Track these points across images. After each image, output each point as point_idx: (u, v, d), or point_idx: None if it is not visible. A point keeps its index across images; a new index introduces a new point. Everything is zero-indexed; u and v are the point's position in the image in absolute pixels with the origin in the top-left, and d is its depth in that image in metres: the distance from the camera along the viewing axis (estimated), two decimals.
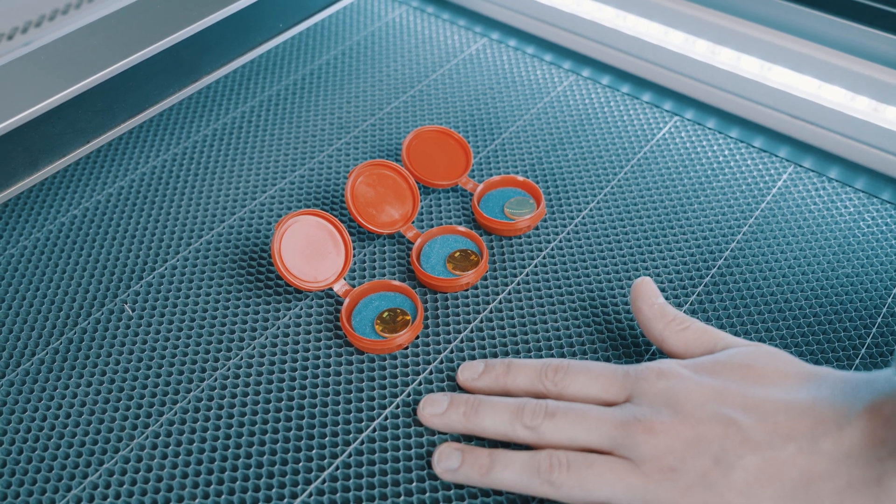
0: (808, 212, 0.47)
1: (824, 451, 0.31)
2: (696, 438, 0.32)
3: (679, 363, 0.35)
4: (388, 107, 0.55)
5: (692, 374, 0.34)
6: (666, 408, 0.33)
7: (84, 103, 0.42)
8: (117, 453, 0.37)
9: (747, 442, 0.31)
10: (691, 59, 0.55)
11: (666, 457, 0.32)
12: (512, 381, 0.37)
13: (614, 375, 0.36)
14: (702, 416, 0.33)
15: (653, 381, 0.34)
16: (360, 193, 0.45)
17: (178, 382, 0.40)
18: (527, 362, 0.37)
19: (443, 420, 0.37)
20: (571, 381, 0.36)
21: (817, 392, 0.32)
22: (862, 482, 0.30)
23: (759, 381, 0.34)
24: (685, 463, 0.32)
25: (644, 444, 0.32)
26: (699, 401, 0.33)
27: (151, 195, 0.49)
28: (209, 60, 0.48)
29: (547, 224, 0.47)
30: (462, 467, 0.35)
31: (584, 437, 0.34)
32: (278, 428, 0.38)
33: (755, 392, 0.33)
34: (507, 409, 0.35)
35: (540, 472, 0.33)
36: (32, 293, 0.44)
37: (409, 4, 0.64)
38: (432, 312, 0.42)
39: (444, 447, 0.36)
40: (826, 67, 0.50)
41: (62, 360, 0.41)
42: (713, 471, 0.31)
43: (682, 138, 0.52)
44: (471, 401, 0.36)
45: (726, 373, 0.34)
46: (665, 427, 0.33)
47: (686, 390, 0.34)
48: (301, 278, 0.42)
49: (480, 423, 0.36)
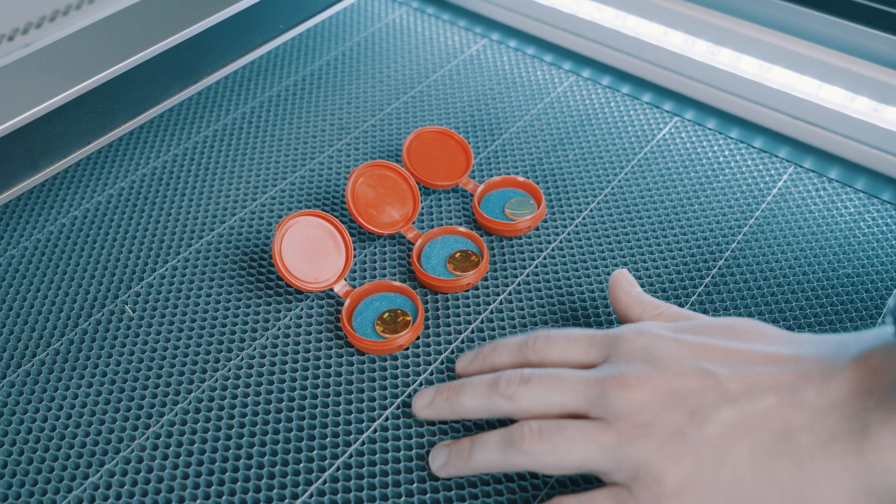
0: (809, 212, 0.47)
1: (807, 403, 0.30)
2: (671, 392, 0.31)
3: (661, 324, 0.35)
4: (388, 108, 0.55)
5: (672, 334, 0.34)
6: (643, 363, 0.32)
7: (85, 104, 0.42)
8: (118, 454, 0.37)
9: (724, 395, 0.30)
10: (691, 60, 0.55)
11: (640, 412, 0.31)
12: (498, 359, 0.37)
13: (593, 337, 0.35)
14: (678, 369, 0.32)
15: (631, 339, 0.34)
16: (361, 194, 0.45)
17: (178, 383, 0.40)
18: (511, 339, 0.37)
19: (431, 410, 0.37)
20: (552, 348, 0.35)
21: (802, 348, 0.32)
22: (845, 433, 0.29)
23: (741, 337, 0.33)
24: (659, 417, 0.31)
25: (617, 400, 0.31)
26: (677, 356, 0.32)
27: (152, 196, 0.49)
28: (210, 61, 0.48)
29: (547, 224, 0.47)
30: (449, 459, 0.35)
31: (560, 400, 0.33)
32: (279, 429, 0.38)
33: (737, 346, 0.32)
34: (484, 384, 0.35)
35: (513, 444, 0.33)
36: (33, 294, 0.44)
37: (410, 5, 0.64)
38: (433, 313, 0.42)
39: (437, 446, 0.36)
40: (826, 68, 0.50)
41: (63, 360, 0.41)
42: (687, 424, 0.30)
43: (682, 139, 0.52)
44: (453, 385, 0.36)
45: (708, 332, 0.34)
46: (640, 381, 0.32)
47: (665, 346, 0.33)
48: (302, 279, 0.42)
49: (462, 403, 0.35)
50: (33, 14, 0.62)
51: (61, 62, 0.43)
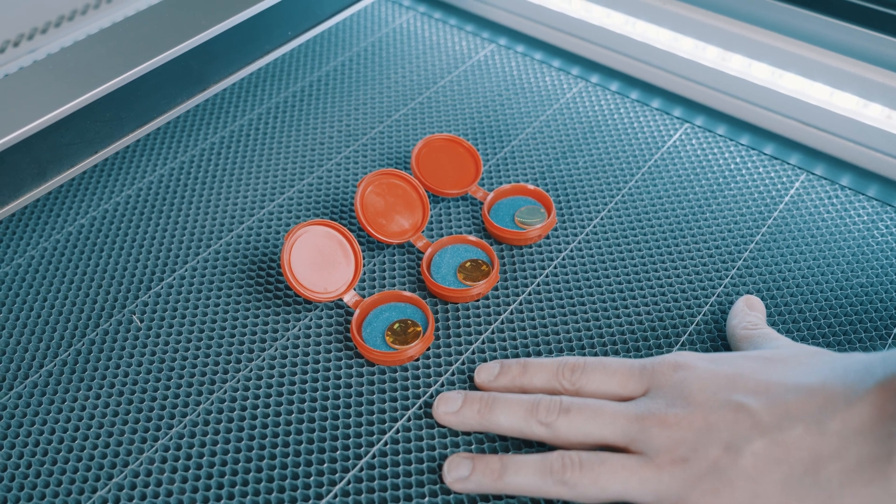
0: (822, 220, 0.47)
1: (832, 431, 0.30)
2: (707, 427, 0.32)
3: (697, 355, 0.36)
4: (395, 114, 0.55)
5: (707, 365, 0.34)
6: (680, 399, 0.33)
7: (92, 113, 0.42)
8: (126, 467, 0.37)
9: (756, 426, 0.31)
10: (701, 66, 0.54)
11: (678, 448, 0.32)
12: (529, 382, 0.37)
13: (630, 370, 0.36)
14: (713, 404, 0.33)
15: (668, 373, 0.35)
16: (370, 203, 0.45)
17: (187, 394, 0.39)
18: (543, 362, 0.37)
19: (458, 418, 0.37)
20: (588, 379, 0.36)
21: (829, 371, 0.32)
22: (871, 459, 0.29)
23: (773, 367, 0.34)
24: (696, 452, 0.32)
25: (657, 437, 0.32)
26: (711, 389, 0.33)
27: (159, 204, 0.49)
28: (217, 69, 0.48)
29: (558, 233, 0.47)
30: (473, 475, 0.35)
31: (599, 433, 0.34)
32: (288, 441, 0.37)
33: (768, 377, 0.33)
34: (522, 406, 0.35)
35: (553, 472, 0.33)
36: (40, 304, 0.44)
37: (416, 10, 0.64)
38: (443, 323, 0.42)
39: (454, 457, 0.36)
40: (838, 74, 0.50)
41: (70, 371, 0.40)
42: (723, 458, 0.31)
43: (692, 145, 0.52)
44: (485, 398, 0.36)
45: (742, 362, 0.34)
46: (678, 419, 0.33)
47: (699, 379, 0.34)
48: (311, 289, 0.41)
49: (495, 420, 0.36)
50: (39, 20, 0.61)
51: (68, 71, 0.42)
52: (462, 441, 0.37)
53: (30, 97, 0.41)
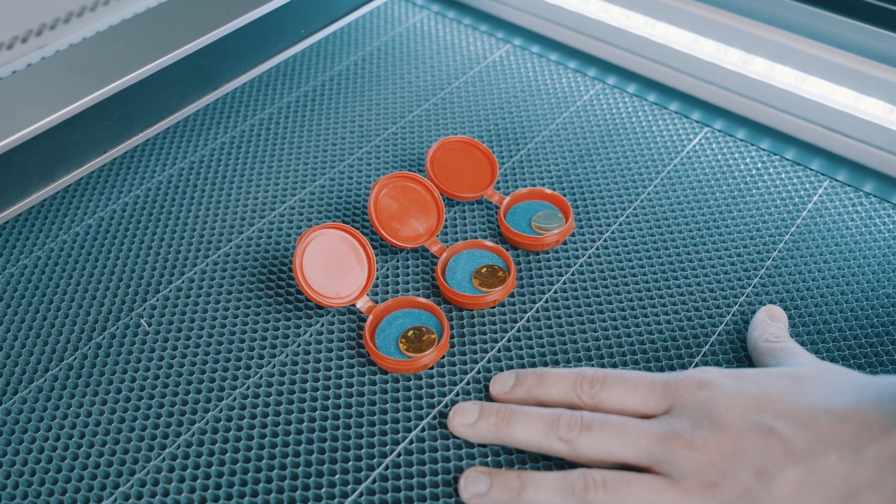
0: (846, 228, 0.46)
1: (869, 459, 0.29)
2: (737, 451, 0.31)
3: (722, 371, 0.34)
4: (409, 115, 0.54)
5: (733, 383, 0.33)
6: (706, 420, 0.32)
7: (102, 112, 0.41)
8: (133, 475, 0.36)
9: (788, 452, 0.30)
10: (722, 68, 0.53)
11: (706, 472, 0.31)
12: (545, 393, 0.36)
13: (653, 386, 0.34)
14: (742, 427, 0.32)
15: (693, 391, 0.33)
16: (384, 206, 0.44)
17: (195, 401, 0.38)
18: (560, 372, 0.36)
19: (473, 430, 0.35)
20: (608, 394, 0.35)
21: (862, 396, 0.31)
22: None
23: (801, 387, 0.33)
24: (726, 477, 0.31)
25: (684, 460, 0.31)
26: (739, 411, 0.32)
27: (168, 205, 0.48)
28: (228, 68, 0.47)
29: (575, 239, 0.45)
30: (491, 491, 0.34)
31: (622, 452, 0.33)
32: (299, 451, 0.36)
33: (797, 399, 0.32)
34: (541, 421, 0.34)
35: (575, 492, 0.32)
36: (46, 306, 0.43)
37: (430, 9, 0.62)
38: (458, 331, 0.41)
39: (470, 471, 0.35)
40: (863, 78, 0.48)
41: (76, 376, 0.39)
42: (755, 484, 0.30)
43: (712, 150, 0.51)
44: (503, 410, 0.35)
45: (768, 380, 0.33)
46: (705, 441, 0.31)
47: (726, 401, 0.33)
48: (323, 294, 0.40)
49: (513, 434, 0.34)
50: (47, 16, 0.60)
51: (77, 68, 0.42)
52: (478, 453, 0.36)
53: (38, 95, 0.40)
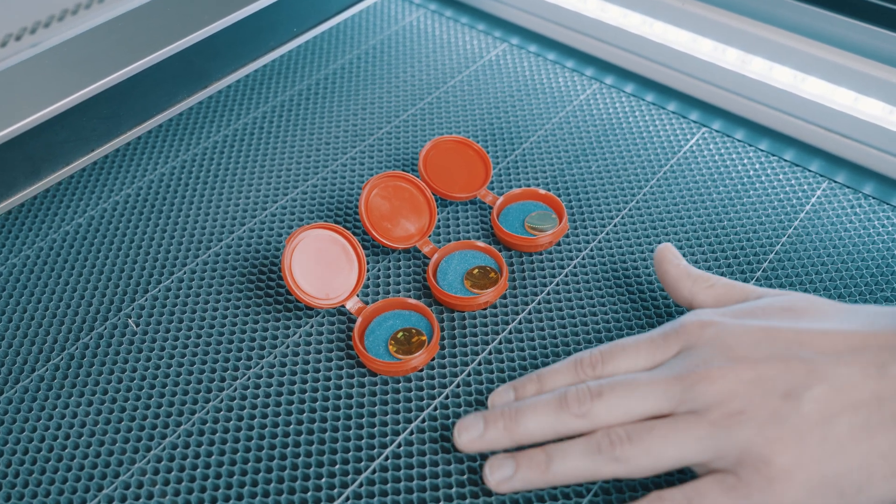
0: (844, 230, 0.45)
1: (893, 374, 0.30)
2: (759, 378, 0.31)
3: (716, 311, 0.34)
4: (404, 114, 0.53)
5: (734, 320, 0.33)
6: (719, 354, 0.32)
7: (89, 110, 0.41)
8: (118, 478, 0.35)
9: (811, 374, 0.31)
10: (720, 68, 0.53)
11: (731, 401, 0.31)
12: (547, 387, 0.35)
13: (653, 342, 0.34)
14: (758, 356, 0.31)
15: (697, 332, 0.33)
16: (375, 206, 0.43)
17: (182, 403, 0.38)
18: (556, 367, 0.35)
19: (484, 441, 0.34)
20: (614, 367, 0.34)
21: (874, 321, 0.32)
22: None
23: (803, 317, 0.33)
24: (752, 403, 0.30)
25: (705, 394, 0.31)
26: (751, 343, 0.32)
27: (159, 204, 0.48)
28: (220, 66, 0.47)
29: (570, 240, 0.45)
30: (519, 471, 0.33)
31: (641, 406, 0.32)
32: (286, 454, 0.36)
33: (805, 327, 0.32)
34: (550, 405, 0.33)
35: (602, 451, 0.31)
36: (34, 305, 0.42)
37: (427, 8, 0.62)
38: (449, 332, 0.41)
39: (493, 459, 0.33)
40: (863, 79, 0.48)
41: (62, 377, 0.39)
42: (783, 406, 0.30)
43: (709, 150, 0.50)
44: (507, 412, 0.34)
45: (768, 315, 0.33)
46: (723, 372, 0.31)
47: (734, 334, 0.32)
48: (312, 295, 0.40)
49: (525, 430, 0.33)
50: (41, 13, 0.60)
51: (64, 66, 0.41)
52: (466, 457, 0.36)
53: (24, 92, 0.39)
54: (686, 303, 0.37)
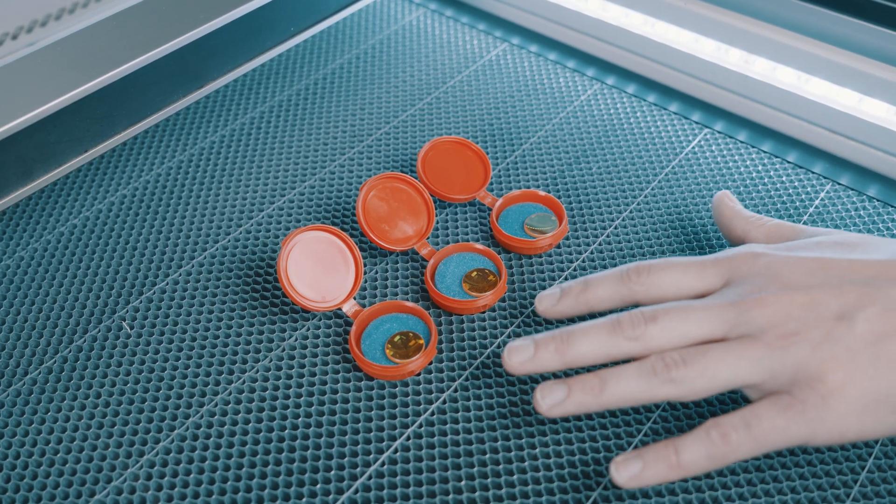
0: None
1: None
2: (812, 302, 0.32)
3: (769, 246, 0.35)
4: (402, 115, 0.53)
5: (786, 252, 0.34)
6: (771, 283, 0.33)
7: (82, 110, 0.40)
8: (110, 483, 0.35)
9: (864, 296, 0.31)
10: (723, 69, 0.52)
11: (785, 323, 0.31)
12: (594, 295, 0.35)
13: (703, 265, 0.34)
14: (811, 283, 0.32)
15: (749, 261, 0.34)
16: (373, 208, 0.43)
17: (176, 407, 0.37)
18: (604, 273, 0.36)
19: (535, 363, 0.34)
20: (660, 278, 0.34)
21: None
22: None
23: (855, 251, 0.34)
24: (806, 325, 0.31)
25: (759, 318, 0.32)
26: (804, 272, 0.33)
27: (154, 205, 0.47)
28: (216, 65, 0.46)
29: (569, 242, 0.44)
30: (572, 395, 0.33)
31: (695, 330, 0.32)
32: (280, 459, 0.35)
33: (859, 257, 0.33)
34: (602, 329, 0.33)
35: (657, 373, 0.32)
36: (27, 307, 0.42)
37: (427, 7, 0.61)
38: (447, 336, 0.40)
39: (545, 384, 0.33)
40: (868, 79, 0.47)
41: (55, 380, 0.39)
42: (836, 327, 0.31)
43: (712, 152, 0.50)
44: (558, 334, 0.34)
45: (821, 248, 0.34)
46: (777, 298, 0.32)
47: (787, 264, 0.33)
48: (308, 298, 0.39)
49: (577, 351, 0.33)
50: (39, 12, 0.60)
51: (57, 65, 0.41)
52: (464, 463, 0.35)
53: (15, 92, 0.39)
54: (739, 241, 0.39)
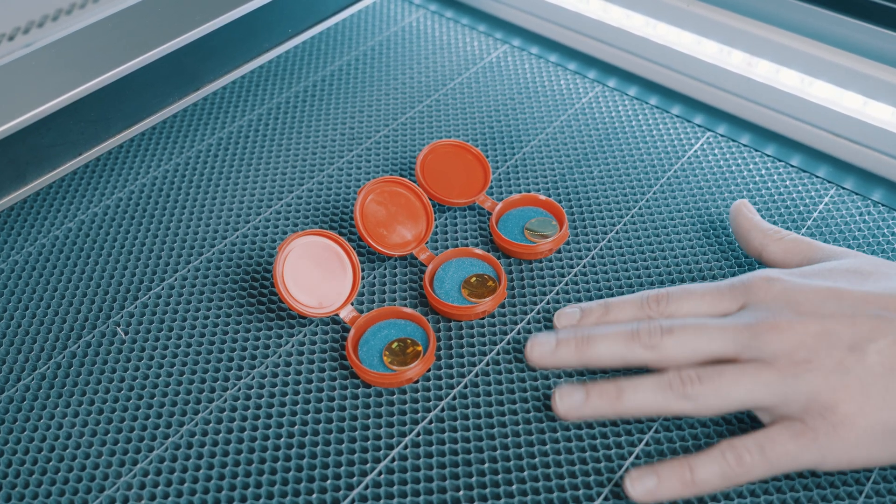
0: (853, 238, 0.44)
1: None
2: (825, 331, 0.32)
3: (784, 271, 0.36)
4: (402, 117, 0.52)
5: (801, 279, 0.35)
6: (786, 309, 0.33)
7: (76, 113, 0.40)
8: (102, 492, 0.34)
9: (876, 329, 0.32)
10: (726, 71, 0.51)
11: (797, 351, 0.32)
12: (614, 320, 0.36)
13: (719, 291, 0.35)
14: (825, 312, 0.33)
15: (765, 287, 0.34)
16: (371, 212, 0.42)
17: (170, 414, 0.37)
18: (624, 298, 0.37)
19: (555, 358, 0.35)
20: (678, 306, 0.36)
21: None
22: None
23: (868, 280, 0.34)
24: (818, 354, 0.32)
25: (772, 342, 0.32)
26: (818, 300, 0.33)
27: (150, 209, 0.47)
28: (212, 67, 0.46)
29: (570, 247, 0.44)
30: (590, 400, 0.34)
31: (708, 347, 0.33)
32: (276, 468, 0.35)
33: (872, 288, 0.33)
34: (621, 335, 0.35)
35: (673, 388, 0.33)
36: (21, 312, 0.41)
37: (427, 8, 0.61)
38: (445, 343, 0.39)
39: (564, 386, 0.35)
40: (873, 83, 0.47)
41: (49, 386, 0.38)
42: (848, 357, 0.32)
43: (714, 155, 0.49)
44: (579, 335, 0.35)
45: (835, 277, 0.35)
46: (791, 325, 0.33)
47: (802, 292, 0.34)
48: (305, 304, 0.39)
49: (595, 353, 0.35)
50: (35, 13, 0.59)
51: (51, 67, 0.40)
52: (463, 472, 0.35)
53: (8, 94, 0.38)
54: (756, 253, 0.40)
